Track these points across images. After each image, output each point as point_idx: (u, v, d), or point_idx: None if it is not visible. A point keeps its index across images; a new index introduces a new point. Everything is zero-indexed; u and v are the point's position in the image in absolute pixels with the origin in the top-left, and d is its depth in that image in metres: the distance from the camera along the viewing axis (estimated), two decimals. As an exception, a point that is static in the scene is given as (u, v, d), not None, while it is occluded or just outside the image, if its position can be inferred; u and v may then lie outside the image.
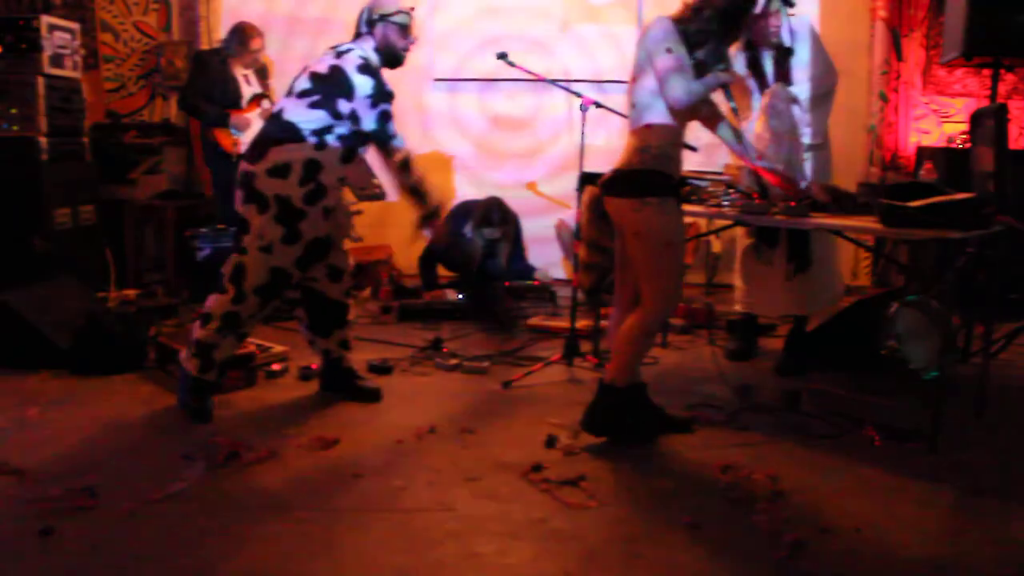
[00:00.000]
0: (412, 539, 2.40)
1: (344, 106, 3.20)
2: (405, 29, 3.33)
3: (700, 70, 2.97)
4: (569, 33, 6.03)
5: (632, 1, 5.95)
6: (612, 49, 5.95)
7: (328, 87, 3.20)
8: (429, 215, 3.43)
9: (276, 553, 2.31)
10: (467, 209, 5.48)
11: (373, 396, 3.57)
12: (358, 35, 3.36)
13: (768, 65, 3.85)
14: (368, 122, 3.25)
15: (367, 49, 3.30)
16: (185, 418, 3.28)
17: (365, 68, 3.23)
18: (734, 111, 3.35)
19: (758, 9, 3.59)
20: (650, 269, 3.04)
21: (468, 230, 5.34)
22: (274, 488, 2.71)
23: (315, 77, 3.24)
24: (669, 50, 2.91)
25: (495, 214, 5.30)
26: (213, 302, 3.26)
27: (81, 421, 3.26)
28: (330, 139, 3.21)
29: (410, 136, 6.02)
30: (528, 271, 5.59)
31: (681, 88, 2.91)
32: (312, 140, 3.18)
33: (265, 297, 3.25)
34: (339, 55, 3.27)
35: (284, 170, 3.16)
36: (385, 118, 3.28)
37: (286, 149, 3.17)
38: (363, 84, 3.22)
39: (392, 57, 3.35)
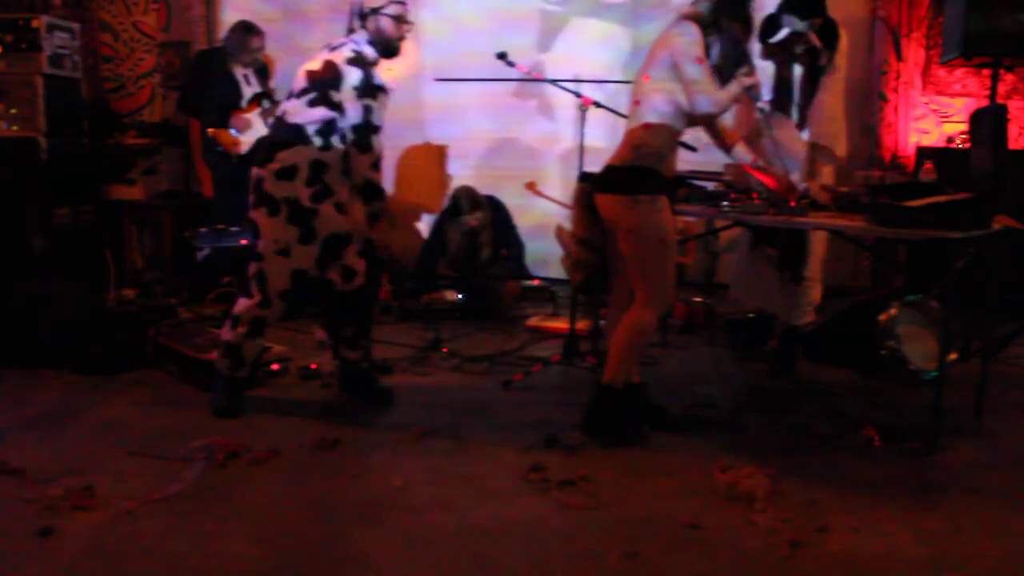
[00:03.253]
0: (412, 539, 2.40)
1: (336, 96, 3.23)
2: (398, 19, 3.33)
3: (719, 76, 2.99)
4: (568, 31, 6.03)
5: None
6: (610, 47, 5.95)
7: (322, 82, 3.24)
8: (377, 213, 3.43)
9: (276, 553, 2.31)
10: (441, 214, 5.46)
11: (384, 399, 3.54)
12: (351, 30, 3.37)
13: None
14: (352, 114, 3.25)
15: (361, 43, 3.31)
16: (208, 415, 3.31)
17: (354, 60, 3.25)
18: (761, 111, 3.36)
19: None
20: (643, 267, 3.04)
21: (448, 228, 5.32)
22: (274, 488, 2.71)
23: (310, 74, 3.28)
24: (698, 59, 2.92)
25: (464, 203, 5.29)
26: (241, 306, 3.33)
27: (81, 421, 3.27)
28: (335, 139, 3.25)
29: (410, 135, 6.13)
30: (519, 254, 5.55)
31: (708, 99, 2.94)
32: (317, 141, 3.23)
33: (290, 301, 3.31)
34: (332, 50, 3.30)
35: (291, 172, 3.23)
36: (368, 112, 3.25)
37: (293, 151, 3.23)
38: (351, 75, 3.23)
39: (387, 48, 3.35)
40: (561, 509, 2.59)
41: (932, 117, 5.77)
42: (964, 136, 5.13)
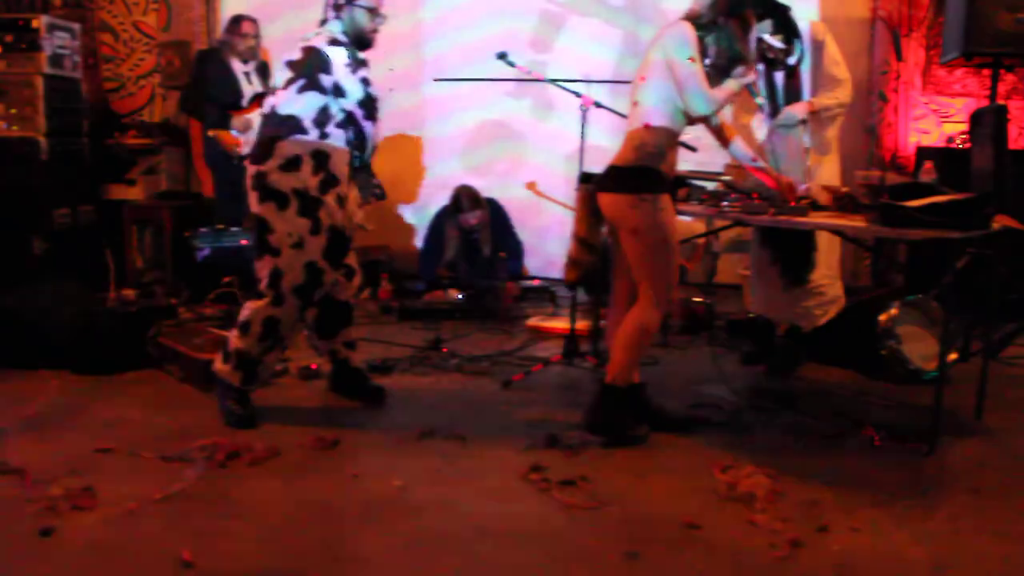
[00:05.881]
0: (412, 539, 2.40)
1: (326, 80, 3.18)
2: (372, 11, 3.28)
3: (716, 75, 2.99)
4: (568, 31, 6.03)
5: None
6: (611, 47, 5.95)
7: (307, 67, 3.20)
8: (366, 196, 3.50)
9: (276, 553, 2.31)
10: (440, 213, 5.46)
11: (379, 395, 3.57)
12: (324, 21, 3.32)
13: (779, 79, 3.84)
14: (354, 91, 3.21)
15: (336, 32, 3.26)
16: (208, 415, 3.28)
17: (335, 42, 3.23)
18: (760, 107, 3.36)
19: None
20: (646, 267, 3.05)
21: (448, 226, 5.33)
22: (274, 488, 2.71)
23: (292, 64, 3.23)
24: (692, 59, 2.93)
25: (464, 201, 5.28)
26: (250, 309, 3.23)
27: (81, 421, 3.27)
28: (331, 127, 3.22)
29: (409, 138, 6.13)
30: (519, 255, 5.56)
31: (703, 98, 2.94)
32: (314, 130, 3.20)
33: (303, 297, 3.23)
34: (308, 40, 3.27)
35: (295, 163, 3.18)
36: (367, 83, 3.24)
37: (292, 142, 3.18)
38: (337, 55, 3.20)
39: (360, 40, 3.30)
40: (561, 509, 2.59)
41: (932, 117, 5.78)
42: (964, 136, 5.13)
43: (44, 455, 2.90)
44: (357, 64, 3.24)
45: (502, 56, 4.20)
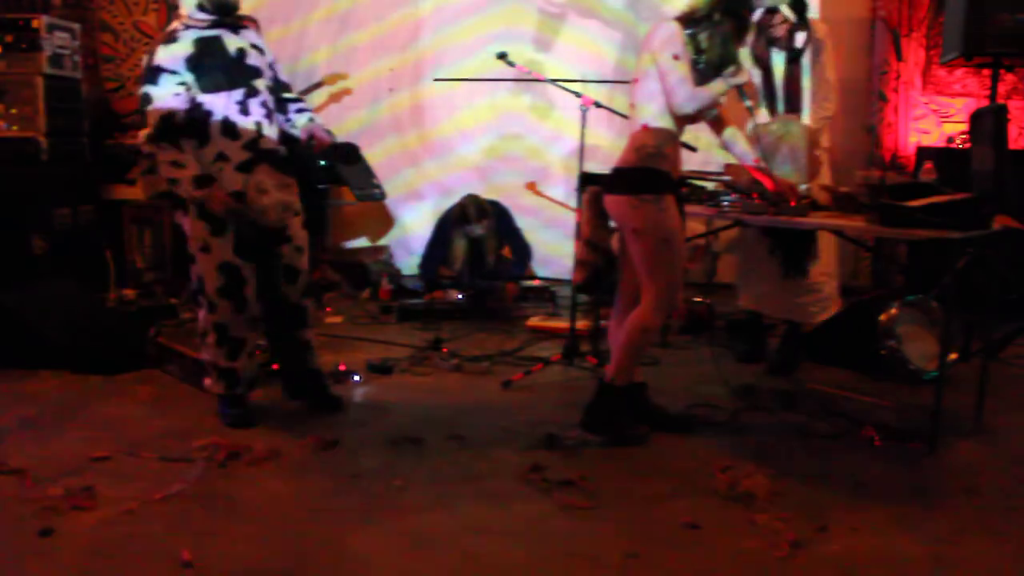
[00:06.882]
0: (412, 539, 2.40)
1: (156, 90, 3.11)
2: None
3: (708, 74, 2.98)
4: (568, 30, 6.03)
5: None
6: (610, 47, 5.95)
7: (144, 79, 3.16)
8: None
9: (276, 553, 2.31)
10: (445, 218, 5.47)
11: (334, 405, 3.45)
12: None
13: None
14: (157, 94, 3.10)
15: (190, 10, 3.16)
16: (208, 415, 3.29)
17: (161, 40, 3.14)
18: (749, 109, 3.35)
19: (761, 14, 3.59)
20: (648, 267, 3.05)
21: (454, 235, 5.34)
22: (274, 488, 2.71)
23: None
24: (676, 57, 2.93)
25: (471, 210, 5.29)
26: (200, 320, 3.28)
27: (81, 421, 3.27)
28: (189, 130, 3.13)
29: (409, 137, 6.12)
30: (526, 257, 5.56)
31: (687, 96, 2.93)
32: (188, 135, 3.12)
33: (230, 297, 3.17)
34: None
35: (183, 167, 3.11)
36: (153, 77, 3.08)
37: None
38: (162, 55, 3.12)
39: (221, 5, 3.19)
40: (561, 509, 2.59)
41: (932, 117, 5.77)
42: (964, 136, 5.13)
43: (44, 455, 2.90)
44: (157, 68, 3.09)
45: (502, 56, 4.20)
